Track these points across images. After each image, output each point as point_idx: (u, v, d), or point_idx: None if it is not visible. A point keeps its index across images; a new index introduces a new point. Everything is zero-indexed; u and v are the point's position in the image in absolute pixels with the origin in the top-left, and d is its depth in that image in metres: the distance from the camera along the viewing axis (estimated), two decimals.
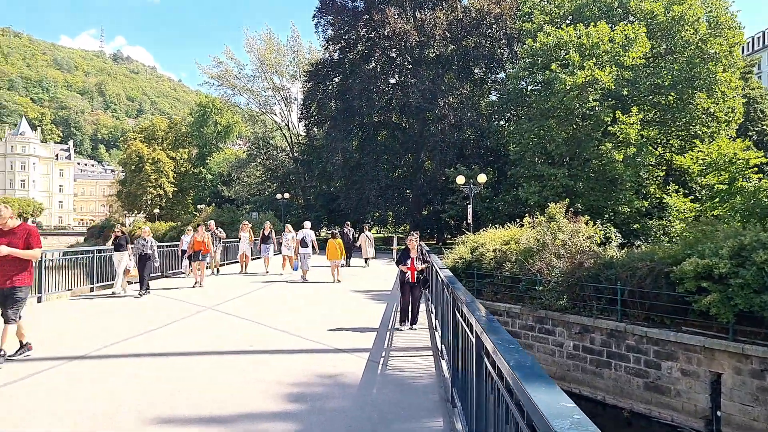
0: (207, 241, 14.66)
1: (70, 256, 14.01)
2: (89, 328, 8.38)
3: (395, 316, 9.32)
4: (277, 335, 8.02)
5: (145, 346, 7.14)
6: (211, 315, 9.87)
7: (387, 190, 38.50)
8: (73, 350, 6.83)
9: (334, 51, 39.98)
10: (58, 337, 7.74)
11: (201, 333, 8.17)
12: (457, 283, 5.18)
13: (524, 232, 19.33)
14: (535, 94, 33.26)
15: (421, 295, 9.16)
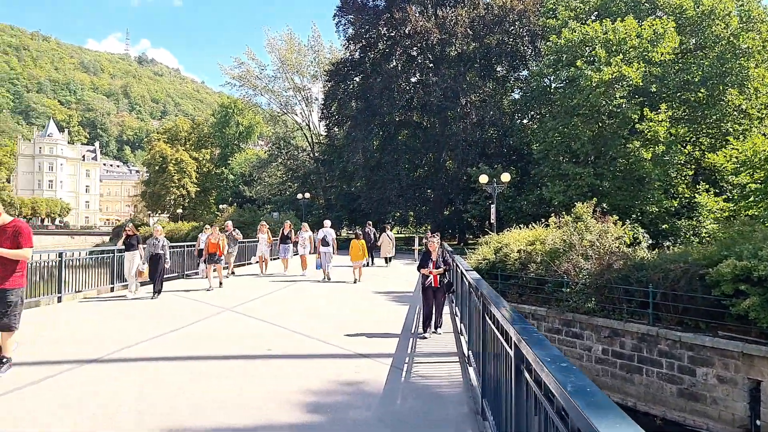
0: (221, 243, 14.09)
1: (96, 256, 14.02)
2: (103, 331, 8.19)
3: (418, 320, 8.96)
4: (296, 338, 7.74)
5: (157, 350, 6.90)
6: (228, 317, 9.62)
7: (408, 189, 38.15)
8: (86, 353, 6.63)
9: (355, 50, 39.77)
10: (72, 339, 7.58)
11: (216, 336, 7.91)
12: (486, 287, 4.83)
13: (550, 233, 18.82)
14: (559, 92, 32.58)
15: (445, 300, 8.63)
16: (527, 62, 37.18)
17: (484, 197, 33.08)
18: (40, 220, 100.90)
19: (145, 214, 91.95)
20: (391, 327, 8.62)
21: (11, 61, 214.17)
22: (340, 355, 6.75)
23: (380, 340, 7.67)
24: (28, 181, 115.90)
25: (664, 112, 28.29)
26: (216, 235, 14.16)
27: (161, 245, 12.26)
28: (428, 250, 8.47)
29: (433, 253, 8.33)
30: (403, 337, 7.93)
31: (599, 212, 19.18)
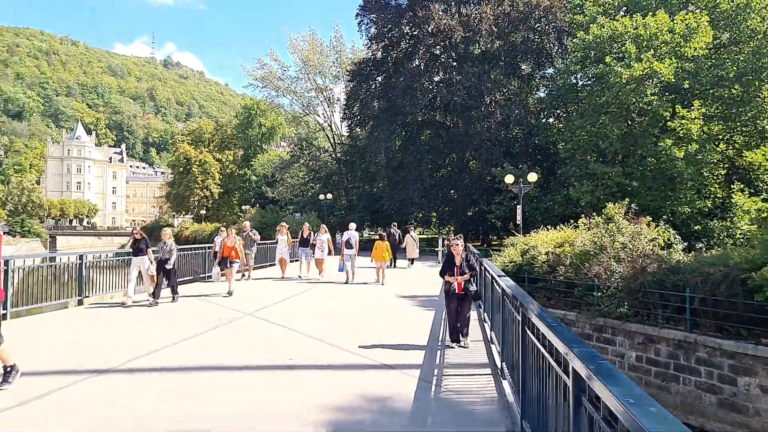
0: (238, 246, 13.26)
1: (123, 257, 13.96)
2: (118, 337, 7.92)
3: (445, 328, 8.53)
4: (318, 347, 7.38)
5: (170, 360, 6.57)
6: (246, 323, 9.27)
7: (431, 190, 37.66)
8: (95, 363, 6.36)
9: (377, 49, 39.46)
10: (80, 347, 7.34)
11: (233, 344, 7.57)
12: (526, 296, 4.40)
13: (579, 234, 18.19)
14: (587, 90, 31.78)
15: (470, 309, 7.90)
16: (553, 60, 36.39)
17: (509, 198, 32.44)
18: (69, 221, 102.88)
19: (169, 215, 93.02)
20: (417, 334, 8.20)
21: (41, 66, 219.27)
22: (365, 365, 6.36)
23: (406, 348, 7.26)
24: (57, 182, 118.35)
25: (697, 109, 27.33)
26: (232, 238, 13.34)
27: (169, 249, 11.73)
28: (451, 253, 7.75)
29: (457, 257, 7.63)
30: (430, 345, 7.51)
31: (631, 213, 18.45)
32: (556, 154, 35.60)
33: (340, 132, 54.52)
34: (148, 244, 11.84)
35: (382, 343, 7.59)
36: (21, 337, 7.61)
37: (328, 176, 51.61)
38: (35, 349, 7.04)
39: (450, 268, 7.63)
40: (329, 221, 43.36)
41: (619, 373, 2.04)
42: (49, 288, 10.79)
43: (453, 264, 7.62)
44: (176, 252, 12.00)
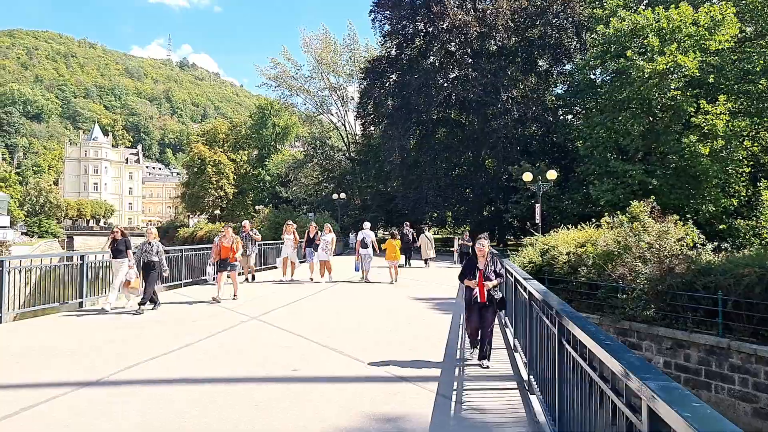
0: (236, 247, 11.87)
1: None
2: (108, 345, 7.42)
3: (464, 335, 7.91)
4: (325, 355, 6.82)
5: (163, 370, 6.03)
6: (248, 329, 8.67)
7: (446, 189, 36.98)
8: (82, 374, 5.86)
9: (391, 47, 38.86)
10: (65, 356, 6.87)
11: (232, 352, 6.96)
12: (564, 305, 3.79)
13: (601, 234, 17.44)
14: (607, 85, 30.91)
15: (495, 319, 6.79)
16: (571, 55, 35.48)
17: (526, 196, 31.67)
18: (86, 221, 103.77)
19: (185, 215, 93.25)
20: (434, 342, 7.58)
21: (60, 68, 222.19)
22: (377, 377, 5.78)
23: (423, 357, 6.67)
24: (74, 183, 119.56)
25: (722, 104, 26.36)
26: (229, 237, 11.90)
27: (156, 251, 10.40)
28: (473, 255, 6.69)
29: (481, 259, 6.53)
30: (448, 355, 6.90)
31: (657, 212, 17.66)
32: (574, 152, 34.74)
33: (354, 131, 54.07)
34: (129, 245, 10.68)
35: (396, 351, 7.01)
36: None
37: (342, 176, 51.17)
38: (18, 356, 6.58)
39: (471, 272, 6.53)
40: (343, 221, 42.90)
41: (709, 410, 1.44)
42: (56, 288, 10.44)
43: (475, 267, 6.53)
44: (164, 254, 10.78)
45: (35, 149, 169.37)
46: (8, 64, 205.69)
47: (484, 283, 6.39)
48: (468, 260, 6.83)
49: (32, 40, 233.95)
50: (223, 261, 11.70)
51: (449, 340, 7.68)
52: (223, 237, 11.94)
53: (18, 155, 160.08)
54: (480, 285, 6.39)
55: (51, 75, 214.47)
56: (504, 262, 8.42)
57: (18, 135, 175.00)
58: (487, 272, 6.48)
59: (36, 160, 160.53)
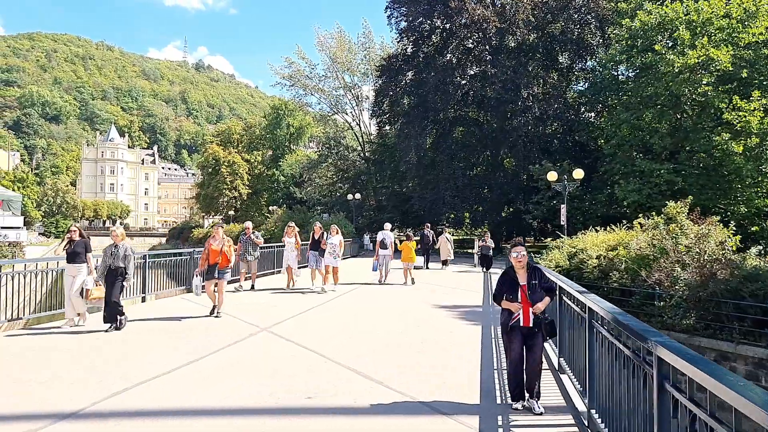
0: (227, 251, 9.91)
1: (154, 259, 13.02)
2: (85, 368, 6.62)
3: (498, 352, 6.95)
4: (344, 377, 5.91)
5: (146, 400, 5.11)
6: (251, 346, 7.47)
7: (463, 189, 35.94)
8: (51, 405, 5.04)
9: (408, 44, 37.98)
10: (27, 382, 6.06)
11: (234, 375, 5.98)
12: (664, 338, 2.86)
13: (634, 236, 16.38)
14: (632, 81, 29.69)
15: (543, 350, 5.31)
16: (594, 51, 34.29)
17: (547, 197, 30.56)
18: (102, 221, 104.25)
19: (199, 216, 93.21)
20: (465, 361, 6.65)
21: (78, 71, 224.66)
22: (406, 408, 4.87)
23: (454, 381, 5.75)
24: (91, 184, 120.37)
25: (756, 100, 25.06)
26: (219, 239, 9.93)
27: (122, 255, 8.59)
28: (511, 267, 5.26)
29: (520, 272, 5.13)
30: (485, 375, 5.98)
31: (697, 213, 16.55)
32: (597, 151, 33.57)
33: (369, 131, 53.25)
34: (89, 247, 8.97)
35: (422, 372, 6.11)
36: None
37: (357, 176, 50.38)
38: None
39: (510, 290, 5.08)
40: (358, 222, 42.07)
41: None
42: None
43: (514, 283, 5.10)
44: (134, 258, 8.99)
45: (53, 150, 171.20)
46: (28, 66, 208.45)
47: (528, 302, 5.00)
48: (503, 276, 5.29)
49: (51, 42, 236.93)
50: (211, 268, 9.81)
51: (483, 360, 6.73)
52: (212, 238, 10.02)
53: (37, 156, 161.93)
54: (525, 307, 4.98)
55: (69, 77, 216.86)
56: (540, 268, 7.26)
57: (37, 136, 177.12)
58: (533, 289, 5.07)
59: (54, 161, 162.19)
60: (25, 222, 73.98)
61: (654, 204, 27.11)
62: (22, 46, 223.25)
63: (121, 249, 8.63)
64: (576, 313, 5.29)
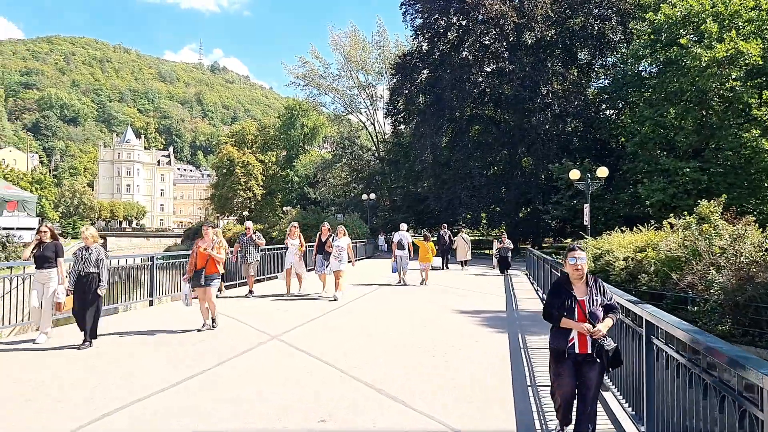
0: (217, 255, 8.52)
1: (162, 260, 12.75)
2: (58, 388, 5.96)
3: (530, 368, 6.30)
4: (363, 395, 5.27)
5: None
6: (254, 359, 6.80)
7: (480, 189, 35.17)
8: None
9: (423, 41, 37.31)
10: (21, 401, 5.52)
11: (236, 399, 5.23)
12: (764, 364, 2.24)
13: (663, 237, 15.58)
14: (656, 77, 28.75)
15: (602, 382, 4.22)
16: (615, 46, 33.34)
17: (568, 196, 29.73)
18: (119, 222, 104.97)
19: (214, 217, 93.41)
20: (495, 375, 6.00)
21: (96, 73, 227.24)
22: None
23: (483, 401, 5.13)
24: (107, 185, 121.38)
25: None
26: (209, 240, 8.57)
27: (95, 259, 7.44)
28: (564, 277, 4.21)
29: (578, 284, 4.12)
30: (517, 394, 5.34)
31: (733, 212, 15.71)
32: (619, 149, 32.66)
33: (383, 130, 52.68)
34: (61, 251, 7.81)
35: (445, 386, 5.49)
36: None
37: (371, 176, 49.82)
38: None
39: (565, 305, 4.03)
40: (372, 222, 41.50)
41: None
42: None
43: (570, 297, 4.05)
44: (107, 263, 7.87)
45: (72, 152, 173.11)
46: (47, 69, 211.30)
47: (590, 325, 3.91)
48: (557, 287, 4.18)
49: (70, 46, 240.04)
50: (197, 273, 8.45)
51: (514, 374, 6.08)
52: (201, 240, 8.66)
53: (55, 158, 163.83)
54: (583, 328, 3.90)
55: (87, 80, 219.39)
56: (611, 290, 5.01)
57: (55, 138, 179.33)
58: (593, 307, 3.99)
59: (72, 162, 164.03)
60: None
61: (679, 204, 26.20)
62: (41, 50, 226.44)
63: (94, 253, 7.46)
64: (625, 325, 4.63)
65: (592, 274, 4.30)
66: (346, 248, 12.67)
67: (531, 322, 9.61)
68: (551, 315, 4.11)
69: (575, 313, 4.00)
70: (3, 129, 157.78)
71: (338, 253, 12.56)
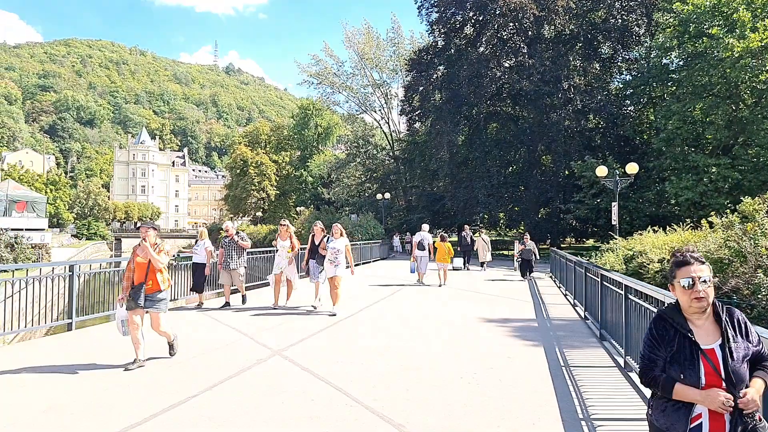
0: (160, 264, 6.50)
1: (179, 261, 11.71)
2: None
3: (579, 397, 5.31)
4: (367, 423, 4.44)
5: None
6: (250, 382, 5.75)
7: (499, 188, 34.09)
8: None
9: (439, 36, 36.36)
10: None
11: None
12: None
13: (702, 237, 14.43)
14: (684, 69, 27.49)
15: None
16: (640, 40, 32.08)
17: (591, 195, 28.57)
18: (134, 223, 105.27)
19: (228, 218, 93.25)
20: (538, 403, 5.06)
21: (112, 75, 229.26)
22: None
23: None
24: (123, 186, 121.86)
25: None
26: (145, 249, 6.46)
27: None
28: (675, 311, 2.43)
29: (701, 321, 2.37)
30: (567, 426, 4.39)
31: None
32: (644, 146, 31.43)
33: (398, 129, 51.75)
34: None
35: (485, 425, 4.55)
36: None
37: (386, 176, 48.91)
38: None
39: (680, 361, 2.30)
40: (387, 223, 40.59)
41: None
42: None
43: (688, 345, 2.32)
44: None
45: (88, 154, 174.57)
46: (63, 72, 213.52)
47: (729, 395, 2.19)
48: (660, 325, 2.42)
49: (86, 48, 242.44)
50: (136, 289, 6.35)
51: (559, 397, 5.13)
52: (139, 247, 6.54)
53: (71, 160, 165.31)
54: (713, 398, 2.19)
55: (103, 82, 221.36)
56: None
57: (72, 140, 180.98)
58: (732, 361, 2.26)
59: (88, 164, 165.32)
60: (58, 224, 74.83)
61: (709, 202, 24.97)
62: (58, 53, 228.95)
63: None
64: None
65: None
66: (343, 251, 10.33)
67: (567, 333, 8.61)
68: (655, 379, 2.36)
69: (700, 372, 2.27)
70: (20, 131, 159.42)
71: (334, 257, 10.21)
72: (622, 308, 6.64)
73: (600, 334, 8.18)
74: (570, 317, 10.35)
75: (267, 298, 11.63)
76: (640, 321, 5.87)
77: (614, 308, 7.31)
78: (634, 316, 6.21)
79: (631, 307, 6.34)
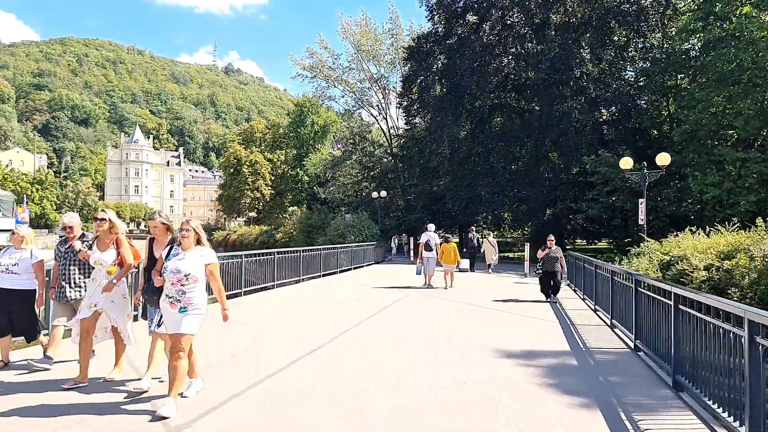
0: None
1: None
2: None
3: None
4: None
5: None
6: None
7: (503, 186, 31.60)
8: None
9: (439, 22, 33.93)
10: None
11: None
12: None
13: (758, 239, 12.01)
14: (711, 52, 25.03)
15: None
16: (657, 24, 29.62)
17: (605, 192, 26.12)
18: (126, 224, 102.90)
19: (223, 218, 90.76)
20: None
21: (108, 75, 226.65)
22: None
23: None
24: (115, 186, 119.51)
25: None
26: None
27: None
28: None
29: None
30: None
31: None
32: (663, 139, 28.96)
33: (396, 125, 49.25)
34: None
35: None
36: None
37: (383, 174, 46.43)
38: None
39: None
40: (384, 223, 38.13)
41: None
42: None
43: None
44: None
45: (82, 153, 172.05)
46: (59, 71, 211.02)
47: None
48: None
49: (83, 47, 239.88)
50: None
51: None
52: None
53: (65, 159, 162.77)
54: None
55: (100, 81, 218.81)
56: None
57: (65, 139, 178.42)
58: None
59: (83, 164, 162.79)
60: (45, 225, 72.41)
61: (737, 199, 22.62)
62: (54, 51, 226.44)
63: None
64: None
65: None
66: (202, 276, 5.01)
67: (622, 378, 6.11)
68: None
69: None
70: (11, 130, 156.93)
71: (178, 289, 4.88)
72: (736, 352, 4.19)
73: (674, 380, 5.69)
74: (615, 347, 7.90)
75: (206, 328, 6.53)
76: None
77: (707, 347, 4.85)
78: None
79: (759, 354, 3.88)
